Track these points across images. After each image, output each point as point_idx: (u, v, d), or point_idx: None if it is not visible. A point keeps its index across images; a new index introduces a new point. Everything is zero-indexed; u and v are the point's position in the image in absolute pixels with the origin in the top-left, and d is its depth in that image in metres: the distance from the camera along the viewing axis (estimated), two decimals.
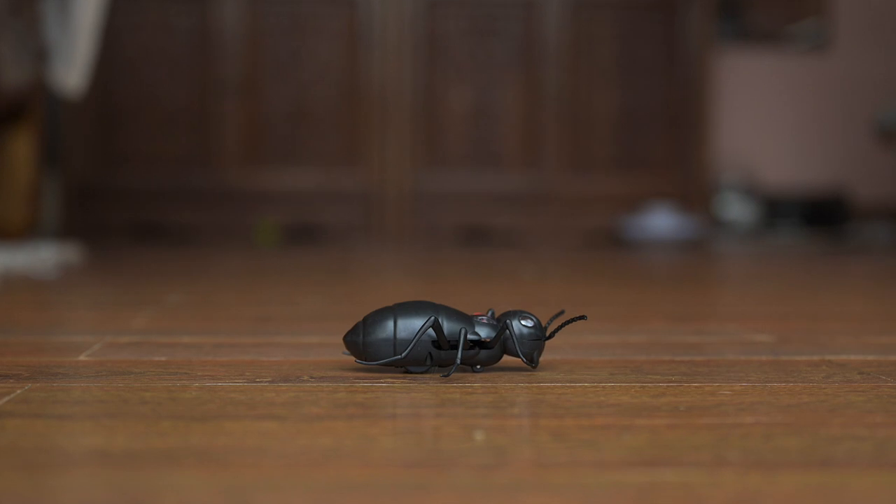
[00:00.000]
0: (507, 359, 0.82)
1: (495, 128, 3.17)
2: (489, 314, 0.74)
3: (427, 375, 0.73)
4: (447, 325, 0.72)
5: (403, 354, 0.71)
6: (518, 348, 0.72)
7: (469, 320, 0.73)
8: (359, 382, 0.69)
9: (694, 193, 3.22)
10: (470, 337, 0.72)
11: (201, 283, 1.50)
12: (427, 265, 1.98)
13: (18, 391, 0.65)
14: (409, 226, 3.15)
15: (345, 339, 0.73)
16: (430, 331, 0.72)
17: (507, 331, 0.72)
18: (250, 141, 3.11)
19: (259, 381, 0.69)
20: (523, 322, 0.73)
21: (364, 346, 0.72)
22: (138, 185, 3.08)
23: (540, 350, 0.73)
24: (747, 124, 3.77)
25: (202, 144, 3.10)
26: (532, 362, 0.73)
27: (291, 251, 2.51)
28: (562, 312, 0.76)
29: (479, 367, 0.74)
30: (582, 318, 0.72)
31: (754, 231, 3.55)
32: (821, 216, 3.61)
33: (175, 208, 3.10)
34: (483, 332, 0.73)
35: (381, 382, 0.70)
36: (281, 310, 1.15)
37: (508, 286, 1.48)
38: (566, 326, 1.00)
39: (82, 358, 0.79)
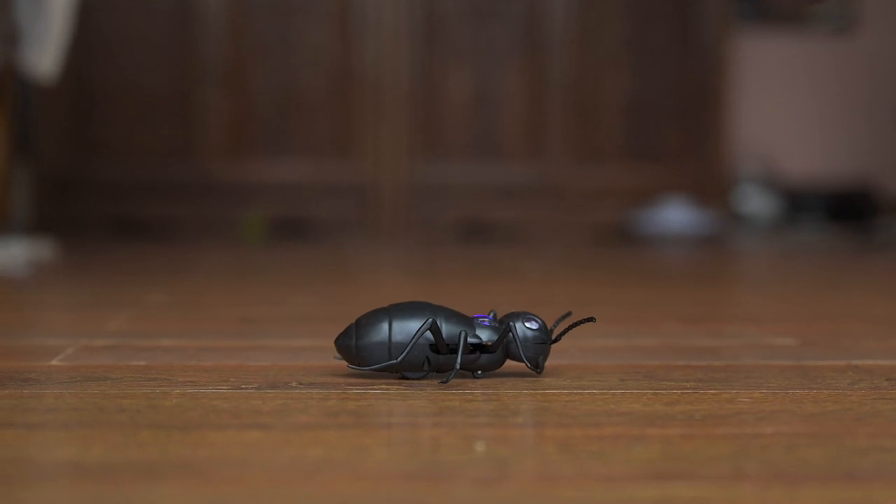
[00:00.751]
0: (509, 364, 0.82)
1: (497, 116, 3.17)
2: (491, 316, 0.74)
3: (424, 381, 0.73)
4: (446, 328, 0.72)
5: (399, 359, 0.71)
6: (522, 352, 0.72)
7: (469, 322, 0.73)
8: (351, 389, 0.69)
9: (710, 186, 3.22)
10: (470, 340, 0.72)
11: (183, 282, 1.50)
12: (424, 263, 1.98)
13: None
14: (405, 221, 3.15)
15: (336, 342, 0.73)
16: (428, 333, 0.72)
17: (510, 334, 0.72)
18: (236, 130, 3.11)
19: (244, 388, 0.69)
20: (527, 324, 0.72)
21: (357, 350, 0.72)
22: (116, 176, 3.08)
23: (545, 354, 0.73)
24: (767, 111, 3.77)
25: (184, 134, 3.10)
26: (537, 367, 0.73)
27: (280, 248, 2.51)
28: (569, 314, 0.76)
29: (479, 372, 0.74)
30: (590, 319, 0.72)
31: (775, 226, 3.55)
32: (846, 210, 3.61)
33: (155, 202, 3.10)
34: (484, 335, 0.73)
35: (375, 389, 0.70)
36: (268, 311, 1.15)
37: (511, 285, 1.48)
38: (573, 329, 1.00)
39: (55, 362, 0.79)
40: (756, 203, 3.58)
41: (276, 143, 3.12)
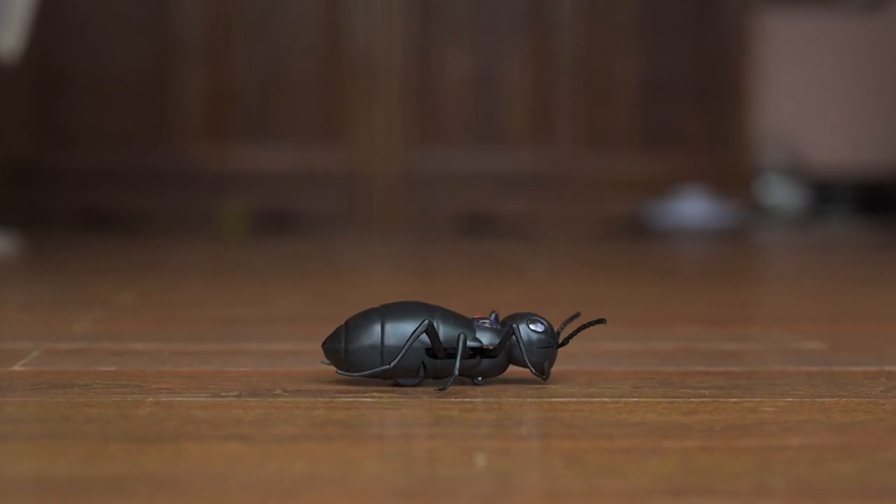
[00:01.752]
0: (513, 369, 0.81)
1: (500, 100, 3.17)
2: (492, 317, 0.74)
3: (420, 389, 0.73)
4: (443, 330, 0.72)
5: (392, 364, 0.71)
6: (526, 357, 0.72)
7: (469, 324, 0.73)
8: (340, 397, 0.69)
9: (730, 175, 3.22)
10: (470, 344, 0.72)
11: (157, 280, 1.50)
12: (420, 259, 1.98)
13: None
14: (399, 213, 3.15)
15: (324, 346, 0.73)
16: (424, 336, 0.71)
17: (513, 337, 0.72)
18: (215, 114, 3.11)
19: (224, 396, 0.69)
20: (532, 326, 0.72)
21: (346, 355, 0.71)
22: (84, 164, 3.08)
23: (551, 359, 0.73)
24: (793, 95, 3.77)
25: (158, 118, 3.10)
26: (542, 373, 0.73)
27: (263, 242, 2.51)
28: (577, 315, 0.76)
29: (480, 378, 0.74)
30: (601, 321, 0.72)
31: (801, 219, 3.55)
32: (877, 201, 3.61)
33: (127, 192, 3.10)
34: (485, 339, 0.73)
35: (366, 397, 0.69)
36: (250, 311, 1.15)
37: (514, 283, 1.48)
38: (582, 331, 1.00)
39: (17, 368, 0.79)
40: (780, 194, 3.58)
41: (259, 129, 3.12)
